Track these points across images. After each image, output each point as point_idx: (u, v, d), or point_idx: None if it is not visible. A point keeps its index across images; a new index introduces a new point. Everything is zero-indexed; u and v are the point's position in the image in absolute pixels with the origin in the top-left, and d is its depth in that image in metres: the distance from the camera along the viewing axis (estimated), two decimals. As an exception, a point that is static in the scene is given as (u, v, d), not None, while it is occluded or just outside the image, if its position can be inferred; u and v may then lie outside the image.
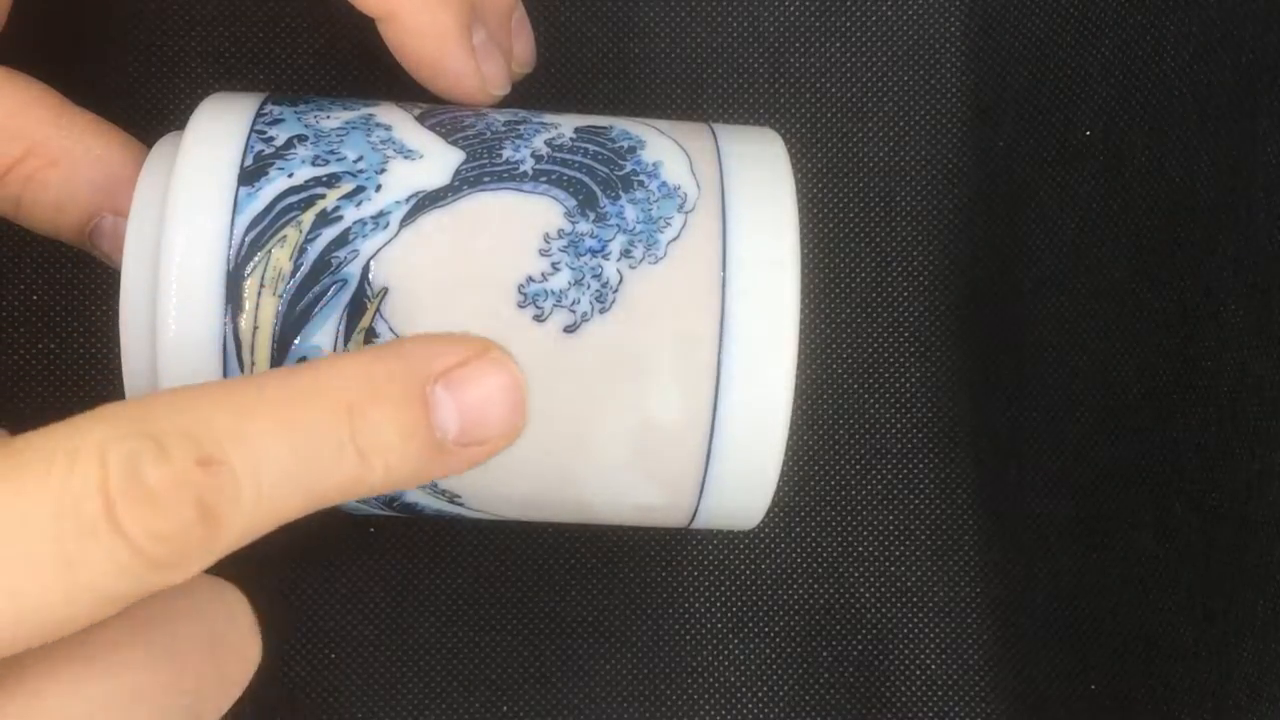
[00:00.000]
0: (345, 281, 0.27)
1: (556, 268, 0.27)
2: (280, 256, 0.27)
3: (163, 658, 0.23)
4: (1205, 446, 0.31)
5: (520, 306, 0.27)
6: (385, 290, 0.27)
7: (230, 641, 0.24)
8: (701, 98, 0.37)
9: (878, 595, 0.37)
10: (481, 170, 0.28)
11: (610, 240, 0.28)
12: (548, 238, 0.27)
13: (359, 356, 0.23)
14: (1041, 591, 0.36)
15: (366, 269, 0.27)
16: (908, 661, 0.37)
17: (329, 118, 0.29)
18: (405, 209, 0.27)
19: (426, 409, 0.22)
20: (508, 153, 0.28)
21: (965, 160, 0.38)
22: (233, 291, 0.27)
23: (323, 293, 0.27)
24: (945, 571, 0.37)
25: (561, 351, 0.27)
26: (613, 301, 0.27)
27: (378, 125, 0.29)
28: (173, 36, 0.36)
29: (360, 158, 0.28)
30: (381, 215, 0.27)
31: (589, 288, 0.27)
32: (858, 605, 0.37)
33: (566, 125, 0.30)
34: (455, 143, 0.29)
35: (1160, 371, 0.33)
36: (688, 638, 0.37)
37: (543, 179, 0.28)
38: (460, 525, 0.36)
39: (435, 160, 0.28)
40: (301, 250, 0.27)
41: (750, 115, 0.37)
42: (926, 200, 0.38)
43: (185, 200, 0.27)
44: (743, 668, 0.37)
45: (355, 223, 0.27)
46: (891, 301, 0.38)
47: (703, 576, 0.37)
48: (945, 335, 0.38)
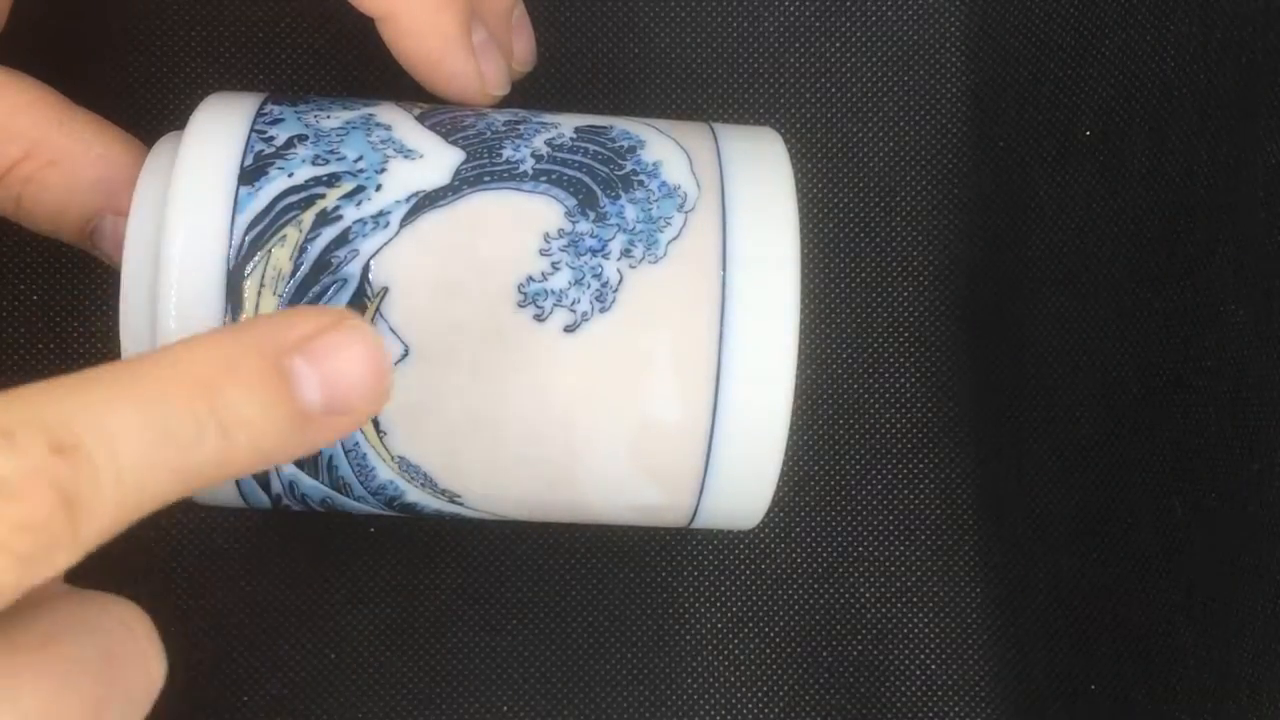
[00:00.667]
0: (345, 281, 0.27)
1: (556, 267, 0.27)
2: (280, 256, 0.27)
3: (52, 677, 0.21)
4: (1205, 446, 0.31)
5: (520, 306, 0.27)
6: (385, 290, 0.27)
7: (127, 658, 0.23)
8: (701, 98, 0.37)
9: (878, 595, 0.37)
10: (481, 170, 0.28)
11: (610, 240, 0.28)
12: (548, 237, 0.27)
13: (215, 334, 0.22)
14: (1041, 591, 0.36)
15: (366, 269, 0.27)
16: (908, 661, 0.37)
17: (329, 117, 0.29)
18: (405, 209, 0.27)
19: (286, 381, 0.22)
20: (508, 152, 0.28)
21: (965, 160, 0.38)
22: (233, 291, 0.27)
23: (322, 292, 0.27)
24: (945, 571, 0.37)
25: (561, 351, 0.27)
26: (613, 301, 0.27)
27: (378, 125, 0.29)
28: (173, 36, 0.36)
29: (360, 157, 0.28)
30: (381, 215, 0.27)
31: (589, 287, 0.27)
32: (858, 605, 0.37)
33: (566, 125, 0.30)
34: (455, 142, 0.29)
35: (1160, 371, 0.33)
36: (688, 638, 0.37)
37: (543, 178, 0.28)
38: (460, 525, 0.36)
39: (435, 160, 0.28)
40: (301, 250, 0.27)
41: (750, 115, 0.37)
42: (926, 200, 0.38)
43: (185, 200, 0.27)
44: (743, 668, 0.37)
45: (355, 222, 0.27)
46: (891, 301, 0.38)
47: (703, 577, 0.37)
48: (945, 335, 0.38)
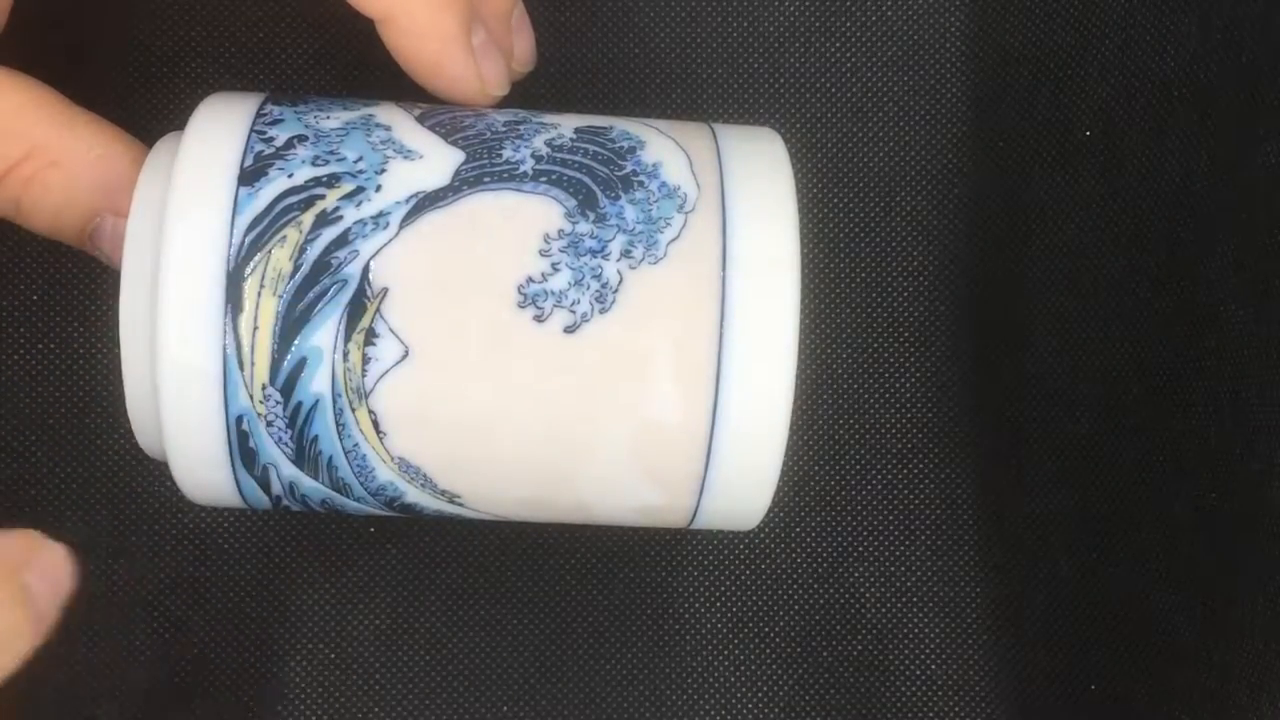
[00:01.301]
0: (345, 282, 0.27)
1: (556, 268, 0.27)
2: (280, 257, 0.27)
3: None
4: (1205, 446, 0.31)
5: (520, 307, 0.27)
6: (385, 291, 0.27)
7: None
8: (701, 98, 0.37)
9: (878, 595, 0.37)
10: (481, 170, 0.28)
11: (610, 240, 0.28)
12: (548, 238, 0.27)
13: None
14: (1041, 591, 0.36)
15: (367, 269, 0.27)
16: (908, 661, 0.37)
17: (329, 118, 0.29)
18: (405, 209, 0.27)
19: (26, 593, 0.26)
20: (508, 152, 0.28)
21: (965, 160, 0.38)
22: (233, 292, 0.27)
23: (323, 293, 0.27)
24: (945, 571, 0.37)
25: (561, 351, 0.27)
26: (613, 302, 0.27)
27: (377, 125, 0.29)
28: (172, 36, 0.36)
29: (360, 158, 0.28)
30: (381, 215, 0.27)
31: (589, 288, 0.27)
32: (858, 605, 0.37)
33: (566, 126, 0.30)
34: (455, 143, 0.29)
35: (1160, 371, 0.33)
36: (688, 638, 0.37)
37: (543, 179, 0.28)
38: (460, 525, 0.36)
39: (435, 160, 0.28)
40: (301, 250, 0.27)
41: (750, 115, 0.37)
42: (926, 200, 0.38)
43: (185, 200, 0.27)
44: (742, 668, 0.37)
45: (355, 223, 0.27)
46: (891, 301, 0.38)
47: (703, 576, 0.37)
48: (945, 335, 0.38)
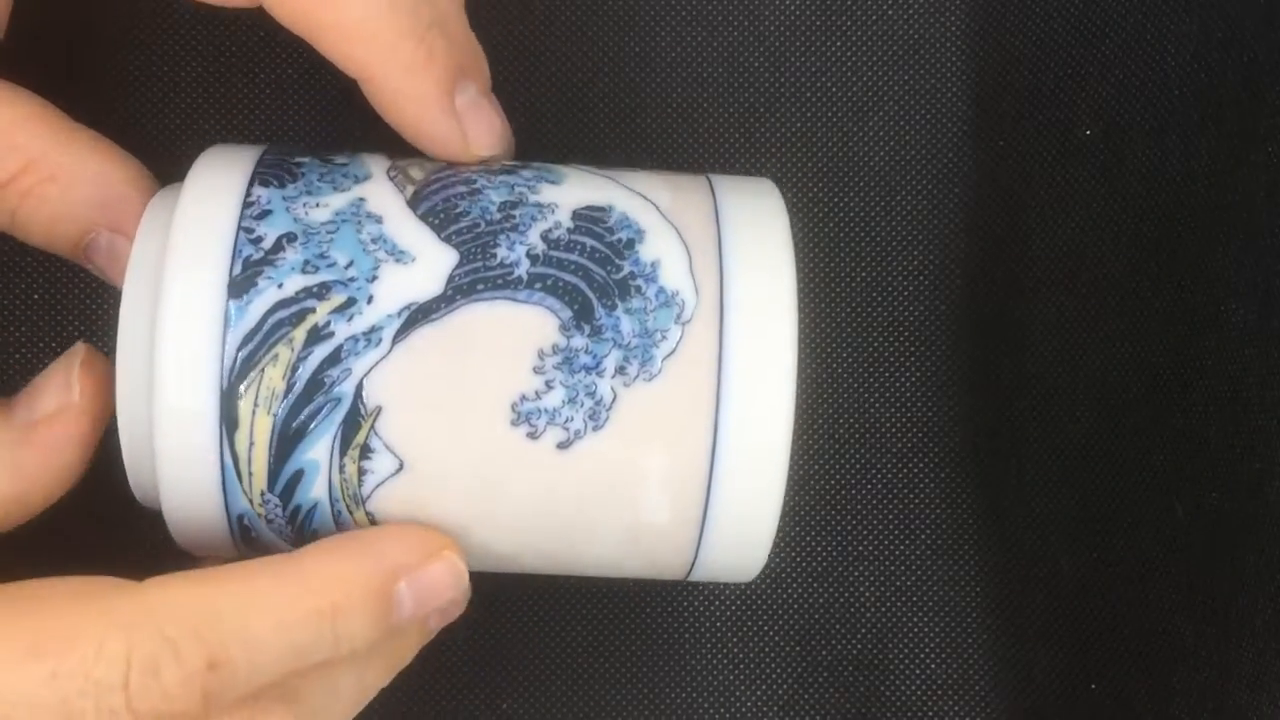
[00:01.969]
0: (339, 400, 0.27)
1: (550, 385, 0.27)
2: (273, 375, 0.27)
3: None
4: (1205, 446, 0.31)
5: (514, 424, 0.27)
6: (379, 409, 0.27)
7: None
8: (701, 97, 0.37)
9: (878, 595, 0.37)
10: (475, 276, 0.27)
11: (605, 356, 0.27)
12: (542, 354, 0.27)
13: (341, 557, 0.27)
14: (1041, 591, 0.36)
15: (360, 387, 0.27)
16: (908, 661, 0.37)
17: (318, 205, 0.28)
18: (398, 324, 0.27)
19: (390, 604, 0.27)
20: (502, 251, 0.28)
21: (965, 160, 0.38)
22: (227, 410, 0.27)
23: (316, 411, 0.27)
24: (945, 571, 0.37)
25: (554, 467, 0.28)
26: (606, 419, 0.27)
27: (369, 217, 0.28)
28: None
29: (351, 262, 0.27)
30: (373, 331, 0.27)
31: (582, 405, 0.27)
32: (857, 605, 0.37)
33: (564, 207, 0.29)
34: (449, 239, 0.28)
35: (1160, 371, 0.33)
36: (687, 636, 0.37)
37: (538, 285, 0.27)
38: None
39: (428, 264, 0.27)
40: (294, 369, 0.27)
41: (750, 114, 0.37)
42: (926, 200, 0.38)
43: (175, 317, 0.27)
44: (742, 666, 0.37)
45: (347, 339, 0.27)
46: (891, 301, 0.38)
47: (703, 576, 0.37)
48: (945, 335, 0.38)
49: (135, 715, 0.25)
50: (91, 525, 0.32)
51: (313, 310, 0.27)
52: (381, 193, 0.28)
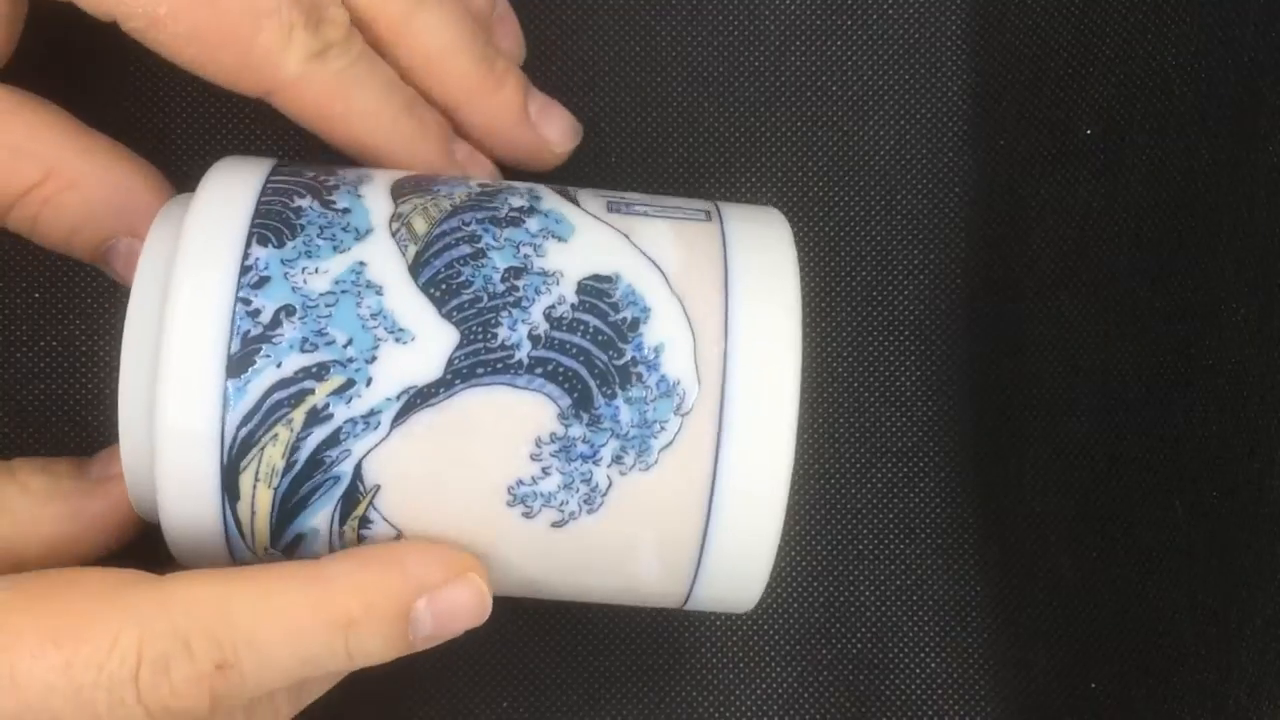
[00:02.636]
0: (338, 479, 0.27)
1: (547, 472, 0.27)
2: (273, 454, 0.27)
3: None
4: (1205, 445, 0.31)
5: (509, 505, 0.28)
6: (378, 487, 0.27)
7: None
8: (702, 96, 0.37)
9: (877, 594, 0.37)
10: (475, 360, 0.27)
11: (603, 446, 0.27)
12: (539, 442, 0.27)
13: (362, 567, 0.27)
14: (1041, 590, 0.36)
15: (359, 467, 0.27)
16: (907, 660, 0.37)
17: (317, 271, 0.27)
18: (396, 407, 0.27)
19: (407, 622, 0.27)
20: (503, 332, 0.27)
21: (965, 160, 0.38)
22: (228, 482, 0.27)
23: (316, 487, 0.27)
24: (946, 570, 0.37)
25: (548, 543, 0.28)
26: (600, 504, 0.28)
27: (369, 287, 0.27)
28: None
29: (350, 341, 0.27)
30: (372, 414, 0.27)
31: (578, 491, 0.28)
32: (857, 603, 0.37)
33: (570, 277, 0.28)
34: (450, 315, 0.27)
35: (1160, 370, 0.33)
36: (687, 635, 0.37)
37: (538, 371, 0.27)
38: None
39: (427, 344, 0.27)
40: (294, 449, 0.27)
41: (750, 113, 0.37)
42: (926, 200, 0.38)
43: (173, 399, 0.27)
44: (742, 665, 0.37)
45: (346, 422, 0.27)
46: (891, 301, 0.38)
47: (703, 575, 0.37)
48: (945, 335, 0.38)
49: (145, 709, 0.25)
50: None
51: (311, 392, 0.27)
52: (382, 255, 0.28)
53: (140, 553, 0.31)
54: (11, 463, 0.32)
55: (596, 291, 0.28)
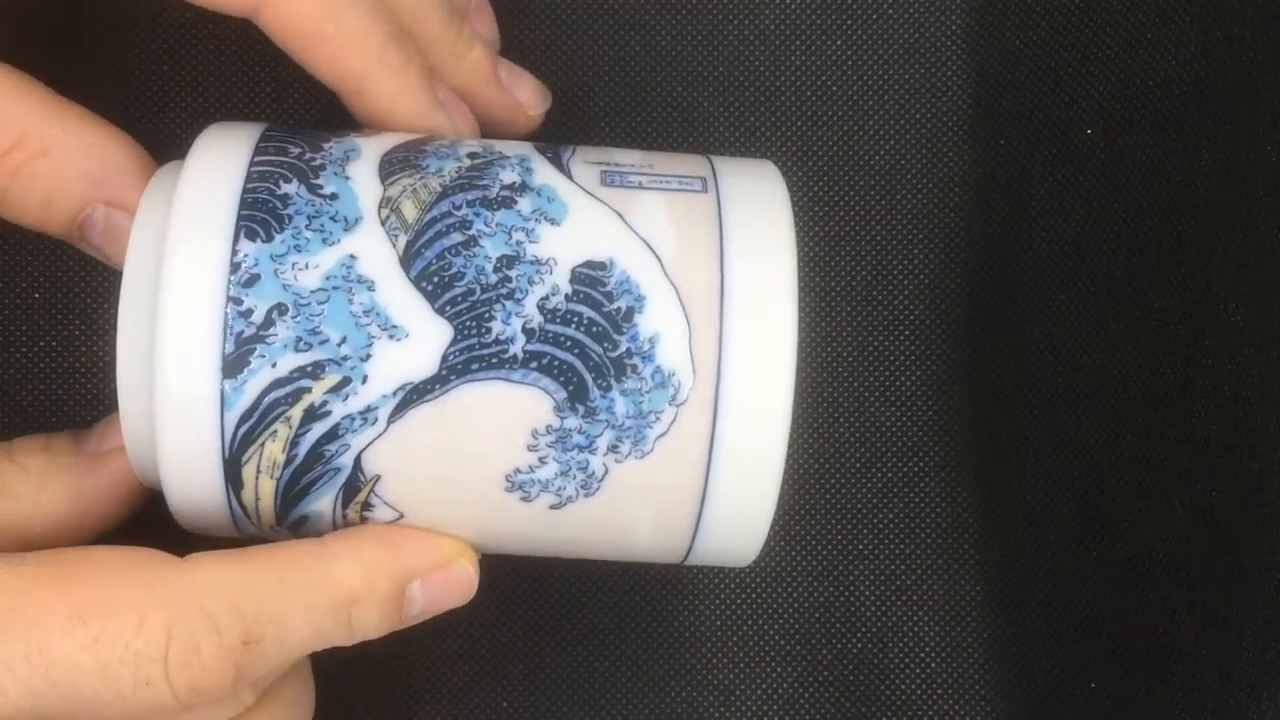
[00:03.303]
0: (339, 470, 0.27)
1: (544, 461, 0.28)
2: (273, 449, 0.27)
3: None
4: (1205, 445, 0.31)
5: (507, 491, 0.28)
6: (378, 476, 0.28)
7: None
8: (702, 96, 0.37)
9: (878, 594, 0.37)
10: (470, 355, 0.27)
11: (598, 436, 0.27)
12: (535, 433, 0.27)
13: (365, 548, 0.28)
14: (1041, 590, 0.36)
15: (359, 460, 0.27)
16: (907, 660, 0.37)
17: (307, 266, 0.27)
18: (393, 403, 0.27)
19: (402, 601, 0.28)
20: (497, 326, 0.27)
21: (965, 160, 0.38)
22: (231, 473, 0.27)
23: (317, 478, 0.28)
24: (946, 570, 0.37)
25: (546, 522, 0.29)
26: (597, 489, 0.28)
27: (360, 282, 0.27)
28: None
29: (344, 339, 0.27)
30: (369, 410, 0.27)
31: (574, 478, 0.28)
32: (857, 603, 0.37)
33: (564, 263, 0.27)
34: (442, 310, 0.27)
35: (1160, 370, 0.33)
36: (686, 635, 0.37)
37: (533, 365, 0.27)
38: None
39: (421, 341, 0.27)
40: (293, 443, 0.27)
41: (751, 113, 0.37)
42: (926, 200, 0.38)
43: (171, 397, 0.27)
44: (742, 666, 0.37)
45: (344, 418, 0.27)
46: (891, 301, 0.38)
47: (702, 574, 0.37)
48: (945, 335, 0.38)
49: (171, 686, 0.26)
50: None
51: (308, 390, 0.27)
52: (373, 247, 0.27)
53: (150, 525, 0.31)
54: (10, 444, 0.31)
55: (590, 280, 0.27)
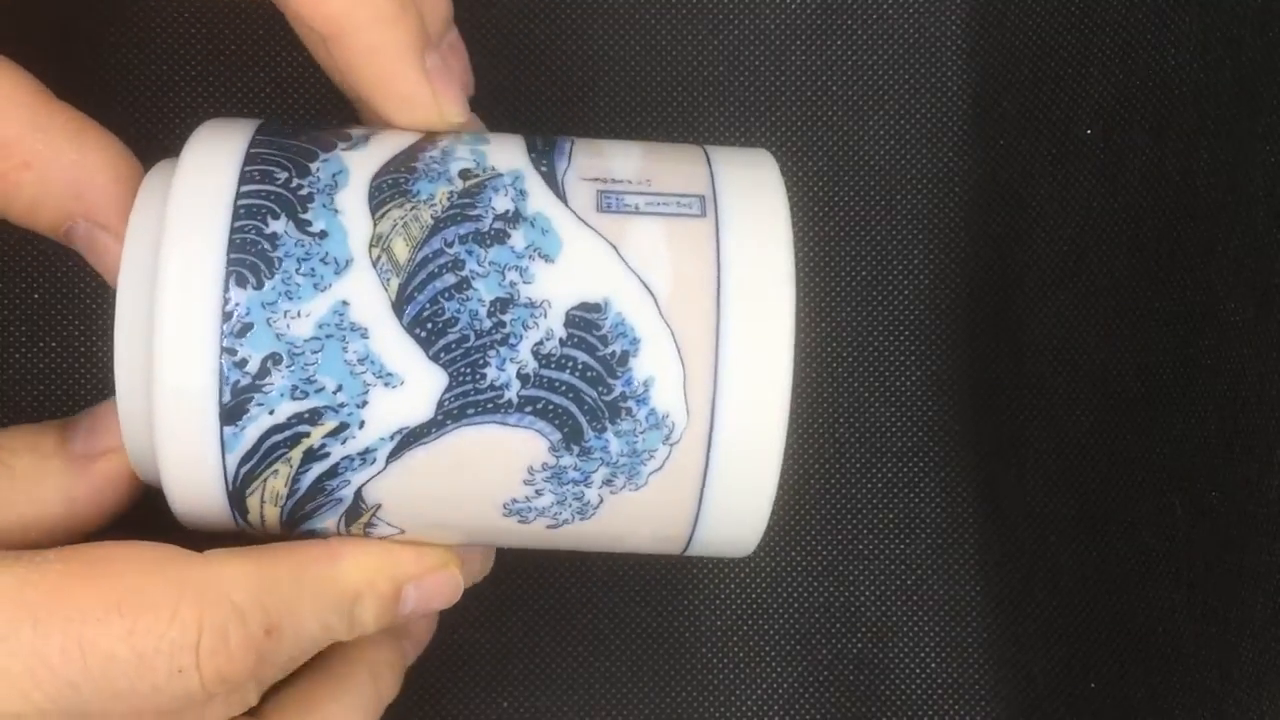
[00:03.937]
0: (341, 500, 0.28)
1: (540, 493, 0.28)
2: (275, 485, 0.28)
3: None
4: (1205, 445, 0.31)
5: (505, 516, 0.29)
6: (379, 505, 0.28)
7: None
8: (702, 96, 0.37)
9: (878, 593, 0.37)
10: (465, 401, 0.27)
11: (593, 472, 0.28)
12: (531, 470, 0.28)
13: (369, 555, 0.29)
14: (1041, 590, 0.36)
15: (359, 492, 0.28)
16: (907, 660, 0.37)
17: (299, 315, 0.27)
18: (390, 446, 0.27)
19: (398, 601, 0.30)
20: (492, 372, 0.27)
21: (966, 159, 0.38)
22: (236, 503, 0.28)
23: (320, 506, 0.28)
24: (946, 569, 0.37)
25: (545, 538, 0.30)
26: (593, 515, 0.29)
27: (353, 329, 0.27)
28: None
29: (340, 387, 0.27)
30: (368, 452, 0.27)
31: (570, 506, 0.28)
32: (857, 603, 0.37)
33: (558, 306, 0.27)
34: (437, 357, 0.27)
35: (1160, 370, 0.33)
36: (687, 635, 0.37)
37: (528, 409, 0.27)
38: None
39: (417, 388, 0.27)
40: (295, 479, 0.28)
41: (751, 113, 0.37)
42: (926, 200, 0.38)
43: (173, 443, 0.27)
44: (742, 665, 0.37)
45: (343, 459, 0.27)
46: (891, 301, 0.38)
47: (702, 574, 0.37)
48: (945, 335, 0.38)
49: (201, 674, 0.27)
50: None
51: (307, 435, 0.27)
52: (364, 291, 0.27)
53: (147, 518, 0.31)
54: None
55: (585, 323, 0.27)
